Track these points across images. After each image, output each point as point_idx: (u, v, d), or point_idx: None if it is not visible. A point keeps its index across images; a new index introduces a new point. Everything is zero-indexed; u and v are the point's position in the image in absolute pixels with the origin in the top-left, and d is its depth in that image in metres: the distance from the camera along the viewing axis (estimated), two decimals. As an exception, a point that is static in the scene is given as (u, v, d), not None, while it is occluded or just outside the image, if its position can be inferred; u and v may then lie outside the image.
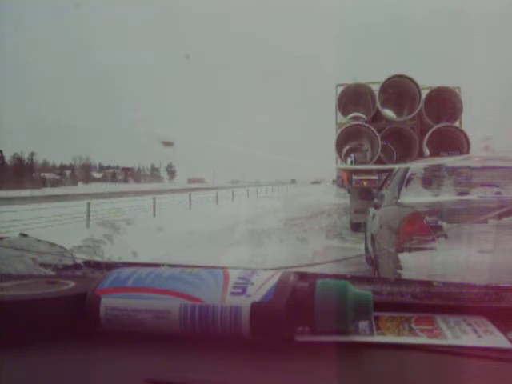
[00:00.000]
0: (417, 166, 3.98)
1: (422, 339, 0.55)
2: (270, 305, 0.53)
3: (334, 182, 23.06)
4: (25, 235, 0.96)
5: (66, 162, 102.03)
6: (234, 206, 15.85)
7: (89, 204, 9.71)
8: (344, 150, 11.61)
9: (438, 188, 3.53)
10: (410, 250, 2.90)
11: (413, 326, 0.58)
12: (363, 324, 0.58)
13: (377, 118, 10.19)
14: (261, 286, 0.54)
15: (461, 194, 3.32)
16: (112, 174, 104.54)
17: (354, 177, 9.13)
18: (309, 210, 13.23)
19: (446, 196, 3.33)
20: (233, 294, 0.54)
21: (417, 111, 9.73)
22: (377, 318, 0.60)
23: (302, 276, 0.63)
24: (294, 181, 64.05)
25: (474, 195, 3.21)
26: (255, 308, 0.53)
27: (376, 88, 9.96)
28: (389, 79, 9.86)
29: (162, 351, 0.53)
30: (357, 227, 8.17)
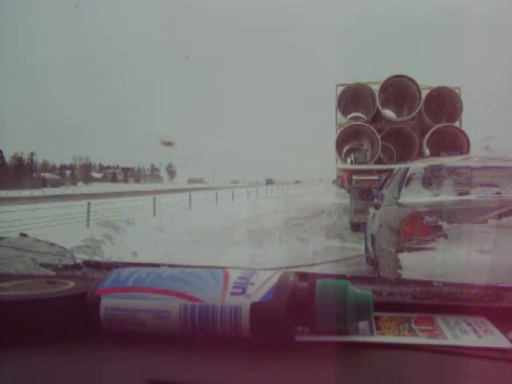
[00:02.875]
0: (417, 166, 3.98)
1: (422, 339, 0.55)
2: (269, 305, 0.53)
3: (334, 182, 23.08)
4: (25, 235, 0.96)
5: (66, 162, 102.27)
6: (234, 206, 15.85)
7: (89, 204, 9.70)
8: (344, 150, 11.62)
9: (438, 188, 3.54)
10: (409, 250, 2.90)
11: (413, 325, 0.58)
12: (363, 324, 0.58)
13: (377, 118, 10.19)
14: (261, 286, 0.54)
15: (461, 194, 3.32)
16: (112, 174, 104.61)
17: (354, 177, 9.15)
18: (309, 210, 13.22)
19: (446, 196, 3.33)
20: (233, 293, 0.54)
21: (417, 111, 9.74)
22: (377, 318, 0.60)
23: (302, 276, 0.63)
24: (270, 181, 61.71)
25: (474, 195, 3.21)
26: (255, 308, 0.53)
27: (376, 88, 9.97)
28: (389, 79, 9.87)
29: (162, 351, 0.53)
30: (357, 227, 8.17)
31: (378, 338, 0.55)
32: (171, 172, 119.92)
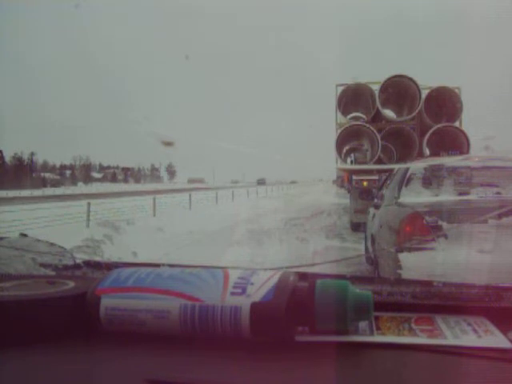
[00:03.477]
0: (417, 166, 3.98)
1: (422, 339, 0.55)
2: (269, 305, 0.53)
3: (334, 182, 23.11)
4: (25, 235, 0.96)
5: (66, 162, 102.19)
6: (234, 206, 15.85)
7: (89, 204, 9.69)
8: (344, 150, 11.62)
9: (438, 188, 3.54)
10: (409, 250, 2.90)
11: (413, 325, 0.58)
12: (363, 324, 0.58)
13: (377, 118, 10.19)
14: (261, 286, 0.54)
15: (461, 194, 3.33)
16: (112, 174, 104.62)
17: (354, 177, 9.14)
18: (309, 210, 13.23)
19: (446, 196, 3.34)
20: (233, 293, 0.54)
21: (417, 111, 9.74)
22: (377, 318, 0.60)
23: (302, 276, 0.63)
24: (262, 181, 59.55)
25: (474, 195, 3.21)
26: (255, 308, 0.53)
27: (376, 88, 9.97)
28: (389, 79, 9.87)
29: (162, 351, 0.53)
30: (357, 227, 8.17)
31: (378, 338, 0.55)
32: (171, 172, 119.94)
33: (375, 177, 8.75)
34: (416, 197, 3.43)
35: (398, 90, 10.05)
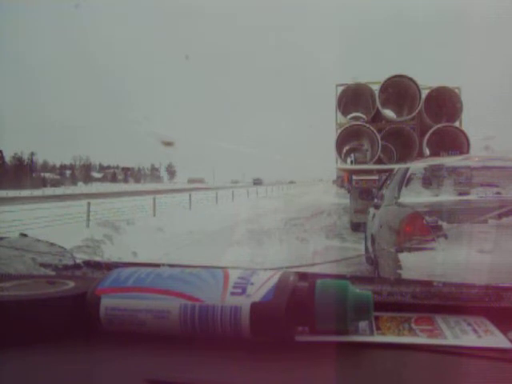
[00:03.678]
0: (417, 166, 3.98)
1: (422, 339, 0.54)
2: (269, 305, 0.53)
3: (334, 182, 23.12)
4: (25, 235, 0.96)
5: (66, 162, 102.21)
6: (234, 206, 15.85)
7: (89, 204, 9.69)
8: (344, 150, 11.62)
9: (438, 188, 3.54)
10: (409, 250, 2.90)
11: (413, 326, 0.58)
12: (363, 324, 0.58)
13: (377, 118, 10.19)
14: (261, 286, 0.54)
15: (461, 194, 3.33)
16: (112, 174, 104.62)
17: (354, 177, 9.14)
18: (309, 210, 13.22)
19: (446, 196, 3.34)
20: (233, 293, 0.54)
21: (417, 111, 9.74)
22: (377, 318, 0.60)
23: (302, 276, 0.63)
24: (258, 181, 58.31)
25: (474, 195, 3.22)
26: (255, 308, 0.53)
27: (376, 88, 9.96)
28: (389, 79, 9.87)
29: (162, 351, 0.53)
30: (357, 227, 8.17)
31: (378, 338, 0.55)
32: (171, 172, 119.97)
33: (375, 177, 8.74)
34: (416, 197, 3.43)
35: (398, 89, 10.05)
